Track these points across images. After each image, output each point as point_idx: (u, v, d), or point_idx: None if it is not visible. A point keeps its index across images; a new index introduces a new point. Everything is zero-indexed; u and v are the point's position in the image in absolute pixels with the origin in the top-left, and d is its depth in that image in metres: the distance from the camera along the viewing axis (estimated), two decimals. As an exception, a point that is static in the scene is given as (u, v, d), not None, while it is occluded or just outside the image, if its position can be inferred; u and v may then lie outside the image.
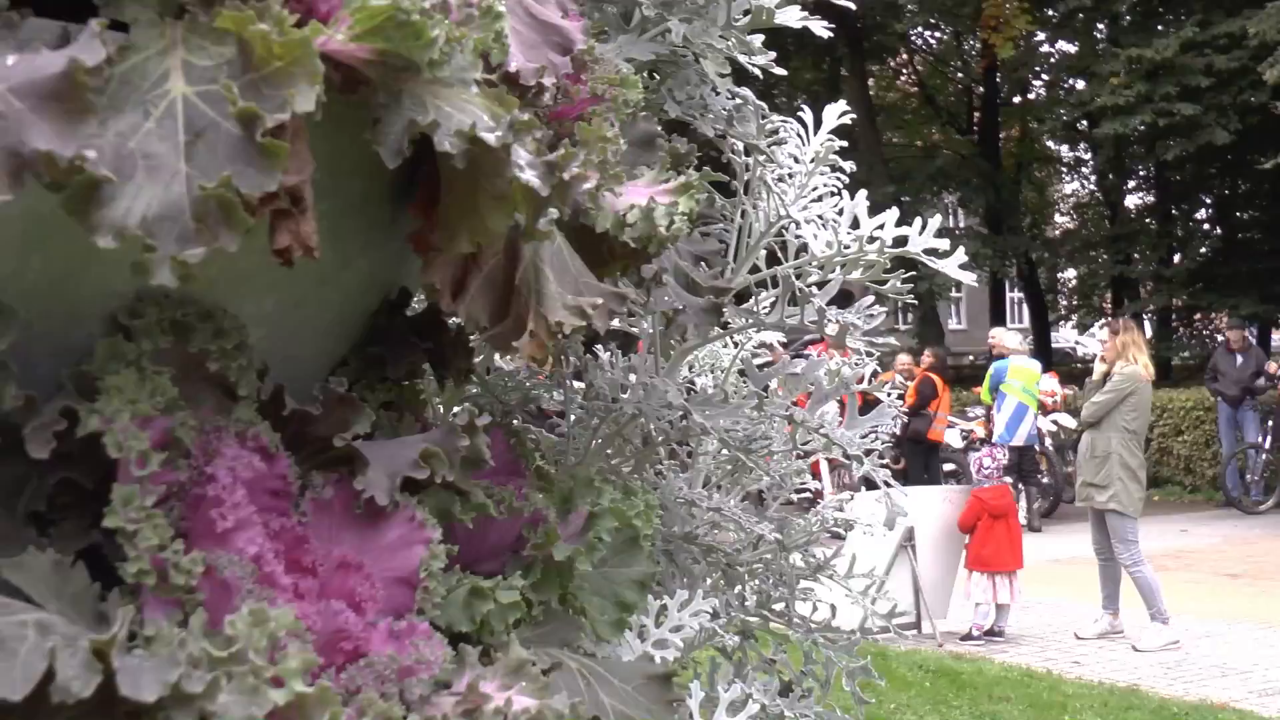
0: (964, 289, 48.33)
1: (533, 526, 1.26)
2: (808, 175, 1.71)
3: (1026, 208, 35.16)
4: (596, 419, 1.74)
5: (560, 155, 1.03)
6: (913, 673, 10.16)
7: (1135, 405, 10.84)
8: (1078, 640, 11.15)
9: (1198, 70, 23.48)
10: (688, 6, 1.51)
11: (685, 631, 1.45)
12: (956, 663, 10.41)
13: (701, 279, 1.41)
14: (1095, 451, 10.93)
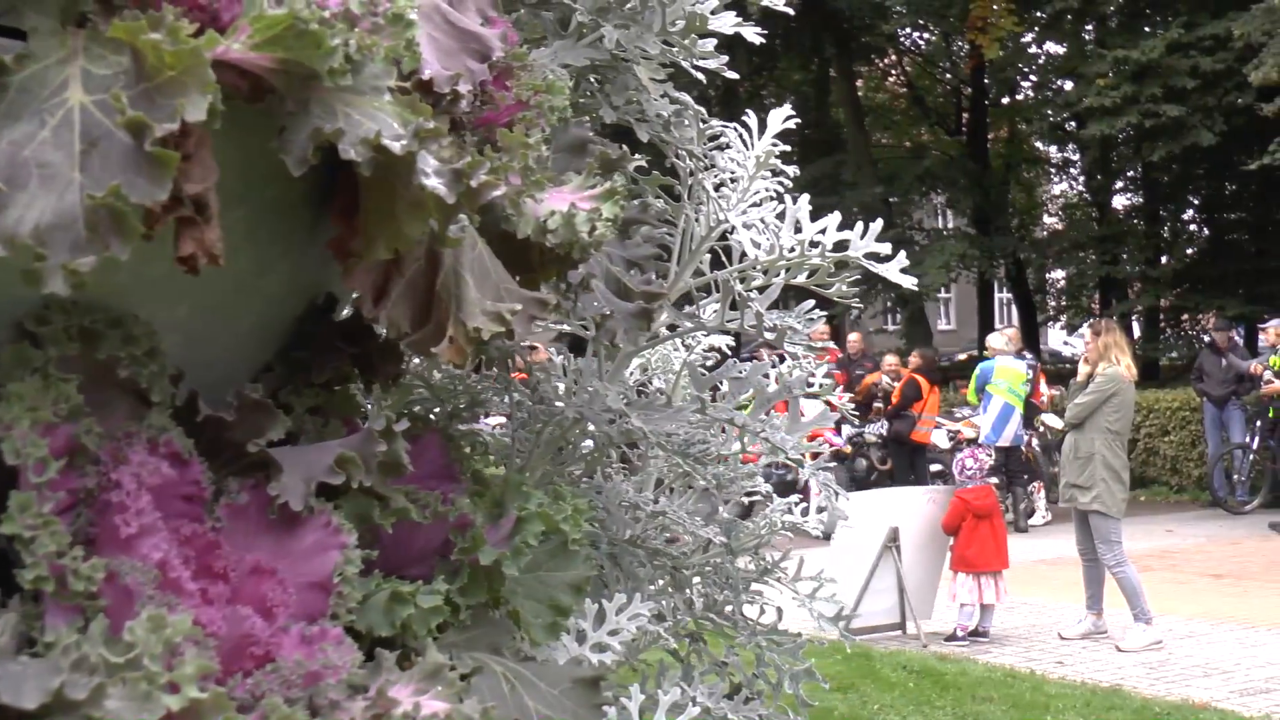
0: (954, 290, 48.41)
1: (460, 531, 1.27)
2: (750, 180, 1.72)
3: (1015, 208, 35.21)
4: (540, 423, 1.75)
5: (467, 163, 1.04)
6: (896, 673, 10.17)
7: (1118, 406, 10.87)
8: (1062, 640, 11.17)
9: (1183, 72, 23.53)
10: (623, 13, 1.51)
11: (623, 635, 1.46)
12: (940, 663, 10.43)
13: (633, 284, 1.42)
14: (1079, 452, 10.97)
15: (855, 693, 9.68)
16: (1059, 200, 39.31)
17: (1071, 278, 33.68)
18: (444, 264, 1.14)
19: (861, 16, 28.71)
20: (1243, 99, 22.65)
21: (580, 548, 1.36)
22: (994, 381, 17.69)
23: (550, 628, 1.33)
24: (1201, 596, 13.00)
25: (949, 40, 32.47)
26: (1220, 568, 14.69)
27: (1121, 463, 10.93)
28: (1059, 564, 14.21)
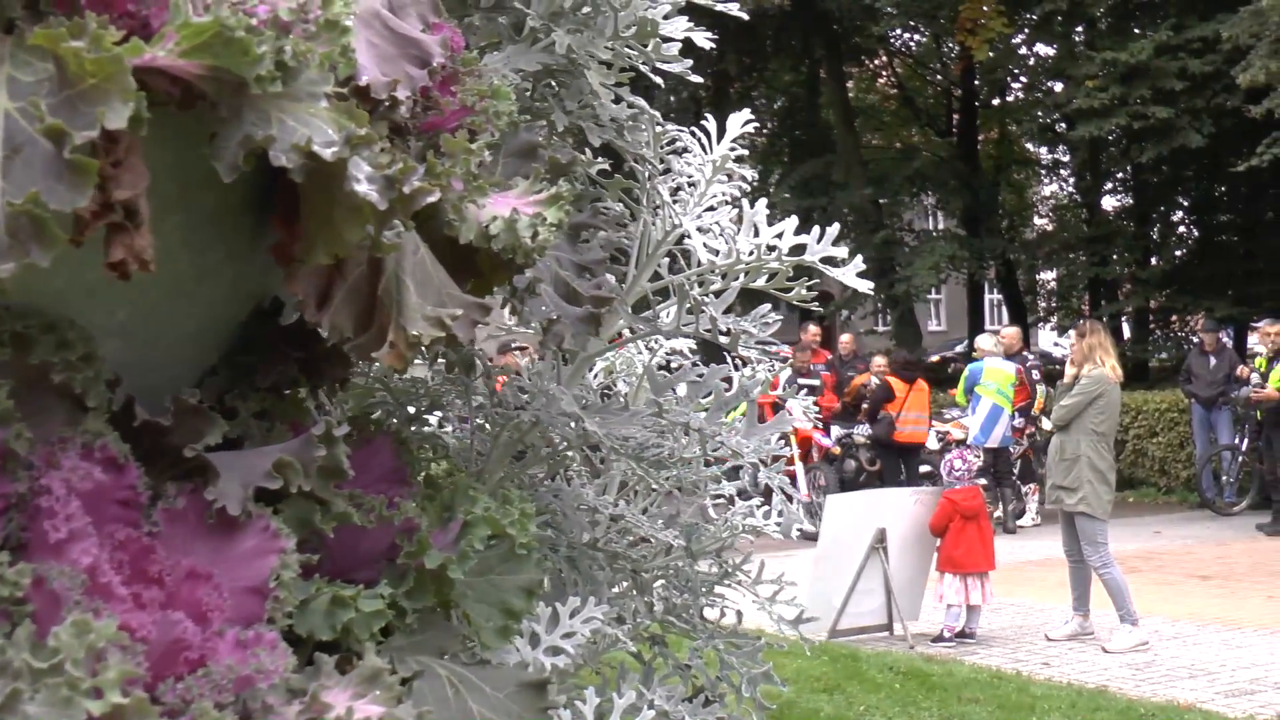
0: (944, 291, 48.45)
1: (406, 535, 1.27)
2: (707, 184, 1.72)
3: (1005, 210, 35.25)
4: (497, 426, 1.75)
5: (399, 169, 1.04)
6: (883, 674, 10.17)
7: (1103, 408, 10.88)
8: (1048, 642, 11.17)
9: (1172, 74, 23.58)
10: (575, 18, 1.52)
11: (577, 638, 1.46)
12: (927, 664, 10.43)
13: (583, 288, 1.42)
14: (1064, 454, 10.98)
15: (841, 693, 9.68)
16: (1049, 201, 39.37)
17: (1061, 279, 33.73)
18: (386, 269, 1.15)
19: (851, 18, 28.72)
20: (1231, 101, 22.71)
21: (532, 551, 1.36)
22: (982, 383, 17.70)
23: (501, 631, 1.33)
24: (1188, 598, 13.02)
25: (939, 42, 32.51)
26: (1207, 569, 14.71)
27: (1107, 464, 10.95)
28: (1046, 565, 14.23)
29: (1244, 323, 26.63)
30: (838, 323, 32.31)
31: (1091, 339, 11.10)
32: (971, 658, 10.68)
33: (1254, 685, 9.54)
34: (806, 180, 31.21)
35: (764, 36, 29.73)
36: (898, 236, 29.63)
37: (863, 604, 11.40)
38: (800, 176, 31.54)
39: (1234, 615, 12.03)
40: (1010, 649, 11.02)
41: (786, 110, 36.73)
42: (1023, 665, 10.38)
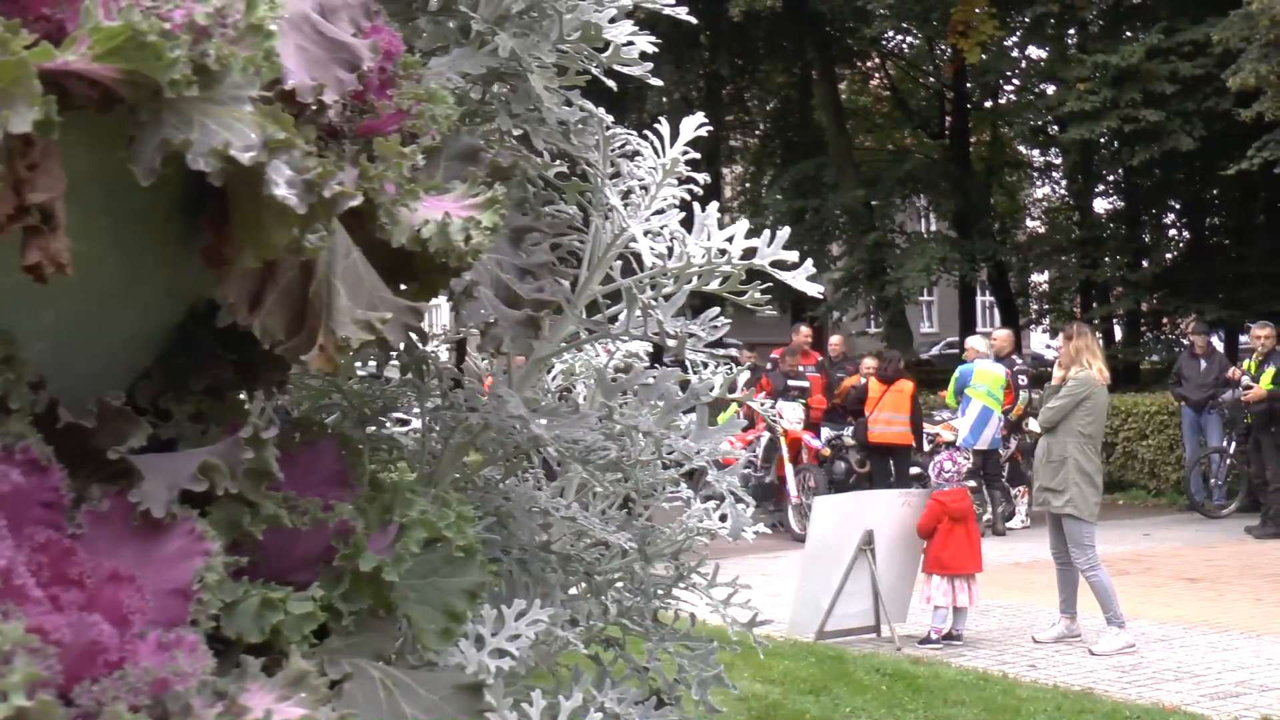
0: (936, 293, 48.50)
1: (341, 537, 1.27)
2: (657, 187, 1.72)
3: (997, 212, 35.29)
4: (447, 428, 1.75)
5: (318, 173, 1.04)
6: (869, 676, 10.19)
7: (1090, 410, 10.90)
8: (1035, 644, 11.19)
9: (1163, 77, 23.62)
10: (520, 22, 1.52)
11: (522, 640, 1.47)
12: (914, 666, 10.44)
13: (523, 291, 1.42)
14: (1051, 456, 11.00)
15: (827, 695, 9.69)
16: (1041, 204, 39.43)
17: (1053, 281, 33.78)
18: (317, 272, 1.15)
19: (843, 19, 28.75)
20: (1222, 104, 22.75)
21: (476, 554, 1.36)
22: (972, 385, 17.73)
23: (444, 633, 1.34)
24: (1176, 600, 13.05)
25: (932, 44, 32.56)
26: (1195, 572, 14.74)
27: (1094, 466, 10.96)
28: (1034, 567, 14.25)
29: (1235, 326, 26.67)
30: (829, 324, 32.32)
31: (1079, 341, 11.13)
32: (958, 660, 10.69)
33: (1239, 688, 9.57)
34: (798, 182, 31.23)
35: (756, 38, 29.75)
36: (889, 238, 29.64)
37: (850, 605, 11.42)
38: (792, 178, 31.55)
39: (1221, 618, 12.06)
40: (997, 651, 11.04)
41: (779, 112, 36.76)
42: (1009, 667, 10.40)
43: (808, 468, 17.75)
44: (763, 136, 38.23)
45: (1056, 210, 36.54)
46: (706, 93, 33.58)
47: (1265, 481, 17.64)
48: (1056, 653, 10.89)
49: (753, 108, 37.43)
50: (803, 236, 31.26)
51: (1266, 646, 10.86)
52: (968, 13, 24.90)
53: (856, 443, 18.43)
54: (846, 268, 30.22)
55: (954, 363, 21.33)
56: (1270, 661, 10.37)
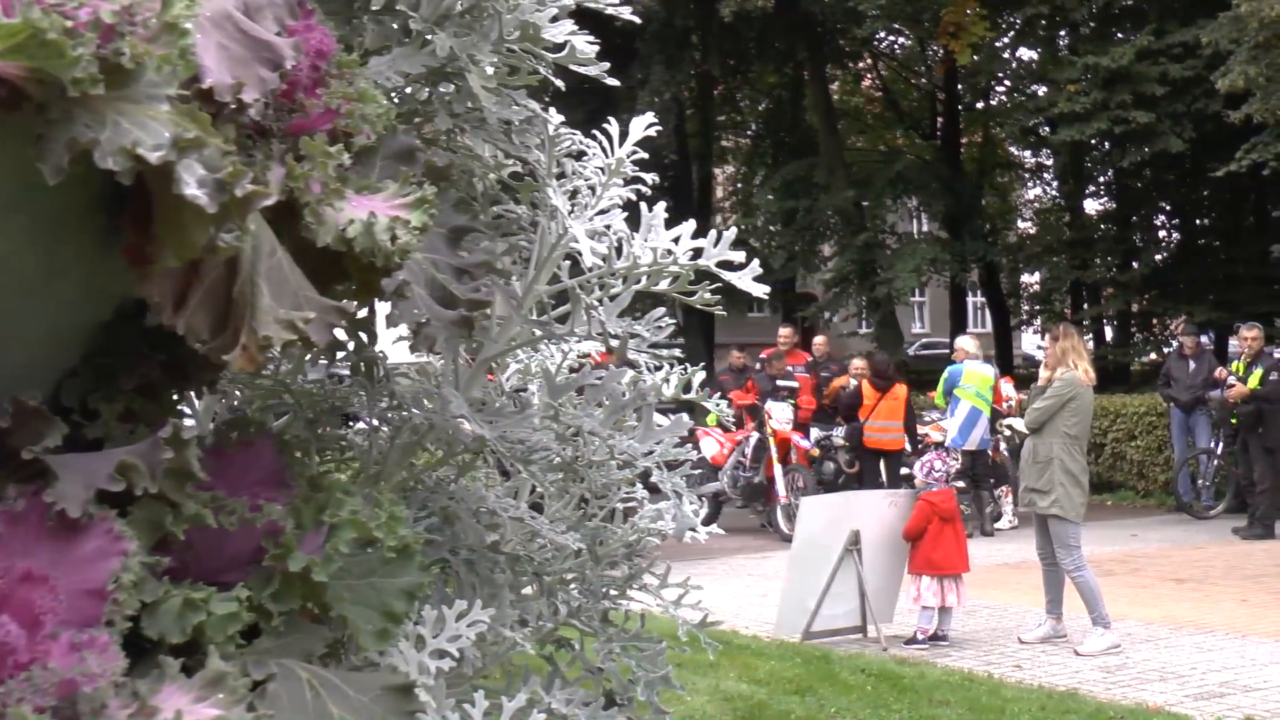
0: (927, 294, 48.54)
1: (271, 538, 1.27)
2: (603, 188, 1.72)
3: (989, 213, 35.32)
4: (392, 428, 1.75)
5: (229, 172, 1.04)
6: (855, 676, 10.19)
7: (1076, 410, 10.92)
8: (1021, 644, 11.21)
9: (1153, 79, 23.66)
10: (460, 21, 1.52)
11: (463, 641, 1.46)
12: (899, 666, 10.45)
13: (459, 292, 1.42)
14: (1037, 457, 11.02)
15: (813, 695, 9.69)
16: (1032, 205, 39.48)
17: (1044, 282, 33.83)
18: (242, 271, 1.15)
19: (834, 20, 28.77)
20: (1211, 106, 22.79)
21: (415, 554, 1.36)
22: (961, 385, 17.75)
23: (381, 634, 1.33)
24: (1162, 601, 13.07)
25: (924, 45, 32.59)
26: (1182, 572, 14.77)
27: (1080, 467, 10.98)
28: (1022, 568, 14.27)
29: (1224, 327, 26.72)
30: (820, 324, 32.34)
31: (1065, 343, 11.16)
32: (944, 660, 10.70)
33: (1224, 688, 9.59)
34: (790, 182, 31.25)
35: (748, 38, 29.77)
36: (880, 239, 29.68)
37: (836, 606, 11.43)
38: (783, 178, 31.58)
39: (1207, 619, 12.08)
40: (983, 651, 11.05)
41: (771, 112, 36.78)
42: (995, 668, 10.41)
43: (796, 468, 17.75)
44: (755, 137, 38.26)
45: (1047, 211, 36.59)
46: (699, 93, 33.60)
47: (1252, 482, 17.68)
48: (1042, 653, 10.91)
49: (744, 108, 37.46)
50: (794, 237, 31.31)
51: (1251, 647, 10.88)
52: (958, 14, 24.93)
53: (848, 444, 18.44)
54: (837, 268, 30.24)
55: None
56: (1255, 662, 10.39)
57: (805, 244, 31.22)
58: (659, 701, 1.96)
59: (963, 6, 24.92)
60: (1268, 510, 17.20)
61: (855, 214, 28.71)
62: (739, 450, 18.29)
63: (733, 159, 38.88)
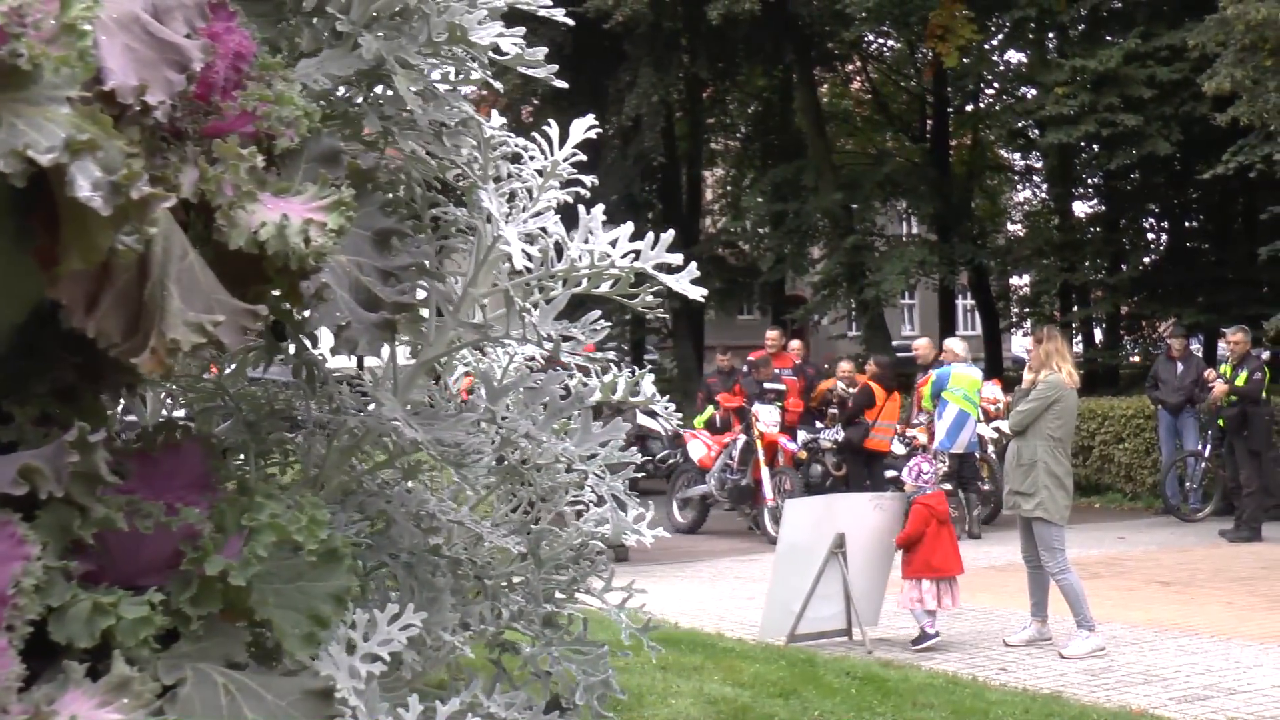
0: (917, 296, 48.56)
1: (188, 541, 1.26)
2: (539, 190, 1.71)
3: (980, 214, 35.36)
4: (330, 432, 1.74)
5: (124, 174, 1.03)
6: (839, 679, 10.18)
7: (1060, 413, 10.93)
8: (1006, 647, 11.20)
9: (1140, 81, 23.70)
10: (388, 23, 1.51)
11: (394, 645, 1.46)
12: (884, 669, 10.44)
13: (384, 294, 1.41)
14: (1021, 459, 11.02)
15: (797, 698, 9.68)
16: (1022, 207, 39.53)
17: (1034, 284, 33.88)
18: (152, 274, 1.14)
19: (822, 23, 28.79)
20: (1199, 109, 22.84)
21: (344, 558, 1.35)
22: (950, 388, 17.76)
23: (307, 638, 1.33)
24: (1148, 604, 13.08)
25: (913, 48, 32.63)
26: (1168, 575, 14.79)
27: (1064, 469, 10.98)
28: (1008, 571, 14.26)
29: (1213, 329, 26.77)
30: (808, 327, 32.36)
31: (1048, 345, 11.17)
32: (929, 663, 10.69)
33: (1207, 691, 9.59)
34: (778, 185, 31.27)
35: (735, 41, 29.78)
36: (869, 241, 29.69)
37: (822, 609, 11.41)
38: (771, 180, 31.60)
39: (1192, 621, 12.09)
40: (968, 654, 11.04)
41: (759, 115, 36.81)
42: (979, 671, 10.40)
43: (784, 471, 17.76)
44: (744, 139, 38.30)
45: (1037, 214, 36.64)
46: (688, 96, 33.61)
47: (1239, 485, 17.71)
48: (1027, 656, 10.91)
49: (734, 110, 37.49)
50: (783, 239, 31.32)
51: (1236, 650, 10.89)
52: (946, 17, 24.96)
53: (846, 446, 18.44)
54: (825, 271, 30.25)
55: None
56: (1239, 664, 10.40)
57: (794, 246, 31.24)
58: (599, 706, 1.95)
59: (950, 9, 24.95)
60: (1254, 512, 17.23)
61: (843, 216, 28.72)
62: (726, 453, 18.31)
63: (722, 161, 38.92)
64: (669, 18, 27.73)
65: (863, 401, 18.30)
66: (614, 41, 29.88)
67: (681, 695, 9.40)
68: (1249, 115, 20.06)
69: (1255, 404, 17.50)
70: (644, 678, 9.82)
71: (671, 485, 20.02)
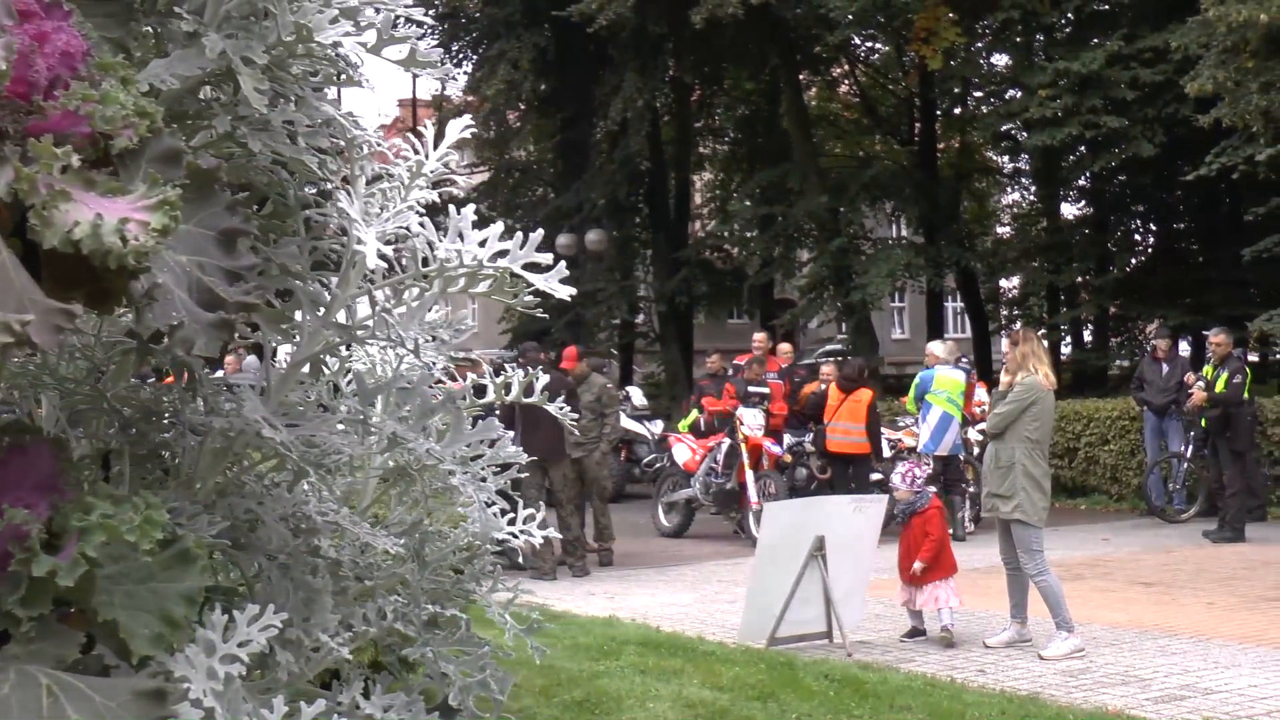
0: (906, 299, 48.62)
1: (17, 542, 1.26)
2: (406, 190, 1.71)
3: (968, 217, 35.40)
4: (202, 433, 1.74)
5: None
6: (818, 682, 10.17)
7: (1037, 415, 10.93)
8: (986, 649, 11.20)
9: (1123, 83, 23.74)
10: (235, 23, 1.50)
11: (253, 646, 1.45)
12: (862, 672, 10.43)
13: (228, 294, 1.41)
14: (999, 462, 11.03)
15: (775, 701, 9.68)
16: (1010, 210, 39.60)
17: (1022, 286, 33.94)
18: (-36, 273, 1.14)
19: (807, 27, 28.81)
20: (1182, 110, 22.87)
21: (197, 558, 1.35)
22: (933, 391, 17.78)
23: (156, 639, 1.32)
24: (1129, 605, 13.09)
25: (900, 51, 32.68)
26: (1151, 576, 14.80)
27: (1042, 471, 10.99)
28: (991, 573, 14.25)
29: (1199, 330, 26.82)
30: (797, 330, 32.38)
31: (1025, 347, 11.17)
32: (908, 665, 10.69)
33: (1184, 691, 9.59)
34: (765, 188, 31.31)
35: (720, 45, 29.80)
36: (855, 244, 29.70)
37: (802, 612, 11.41)
38: (758, 183, 31.64)
39: (1172, 622, 12.10)
40: (948, 656, 11.04)
41: (747, 118, 36.85)
42: (958, 672, 10.40)
43: (768, 474, 17.76)
44: (732, 143, 38.34)
45: (1025, 216, 36.70)
46: (675, 100, 33.63)
47: (1222, 486, 17.74)
48: (1006, 658, 10.91)
49: (721, 114, 37.53)
50: (770, 242, 31.34)
51: (1214, 650, 10.90)
52: (931, 20, 25.00)
53: (816, 450, 18.48)
54: (812, 274, 30.26)
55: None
56: (1217, 665, 10.41)
57: (782, 250, 31.27)
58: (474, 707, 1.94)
59: (935, 12, 24.99)
60: (1237, 513, 17.25)
61: (830, 220, 28.75)
62: (711, 457, 18.31)
63: (710, 165, 38.96)
64: (654, 21, 27.74)
65: (817, 403, 18.32)
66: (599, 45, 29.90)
67: (660, 698, 9.40)
68: (1231, 116, 20.10)
69: (1238, 405, 17.52)
70: (623, 681, 9.83)
71: (657, 489, 20.04)
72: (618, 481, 23.59)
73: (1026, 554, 10.90)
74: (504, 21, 31.11)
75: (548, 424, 15.32)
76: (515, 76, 30.23)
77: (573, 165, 32.80)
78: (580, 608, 13.41)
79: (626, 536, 18.14)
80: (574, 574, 15.54)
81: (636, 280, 35.16)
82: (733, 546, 17.81)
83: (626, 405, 25.15)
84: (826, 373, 18.92)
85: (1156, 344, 20.37)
